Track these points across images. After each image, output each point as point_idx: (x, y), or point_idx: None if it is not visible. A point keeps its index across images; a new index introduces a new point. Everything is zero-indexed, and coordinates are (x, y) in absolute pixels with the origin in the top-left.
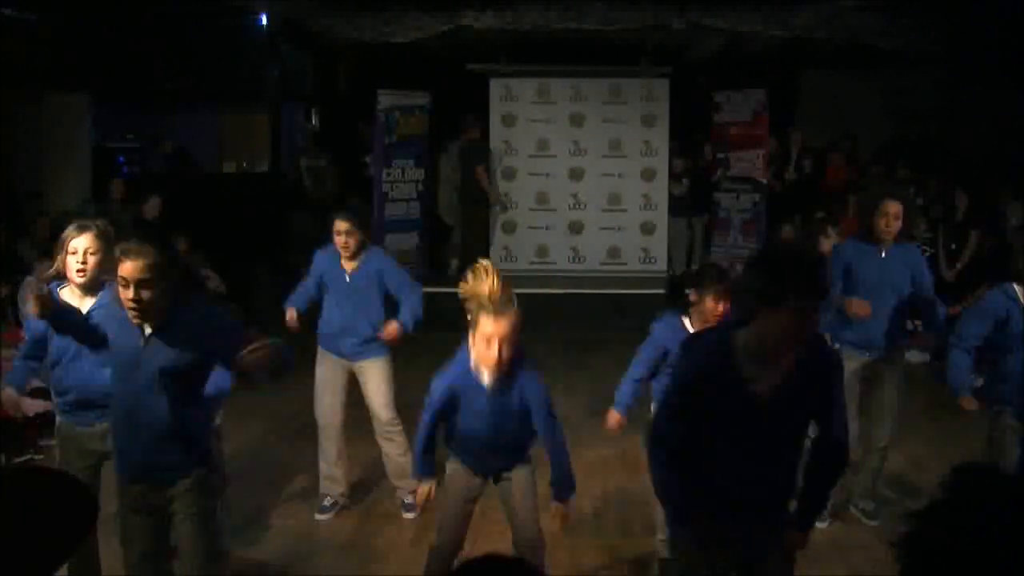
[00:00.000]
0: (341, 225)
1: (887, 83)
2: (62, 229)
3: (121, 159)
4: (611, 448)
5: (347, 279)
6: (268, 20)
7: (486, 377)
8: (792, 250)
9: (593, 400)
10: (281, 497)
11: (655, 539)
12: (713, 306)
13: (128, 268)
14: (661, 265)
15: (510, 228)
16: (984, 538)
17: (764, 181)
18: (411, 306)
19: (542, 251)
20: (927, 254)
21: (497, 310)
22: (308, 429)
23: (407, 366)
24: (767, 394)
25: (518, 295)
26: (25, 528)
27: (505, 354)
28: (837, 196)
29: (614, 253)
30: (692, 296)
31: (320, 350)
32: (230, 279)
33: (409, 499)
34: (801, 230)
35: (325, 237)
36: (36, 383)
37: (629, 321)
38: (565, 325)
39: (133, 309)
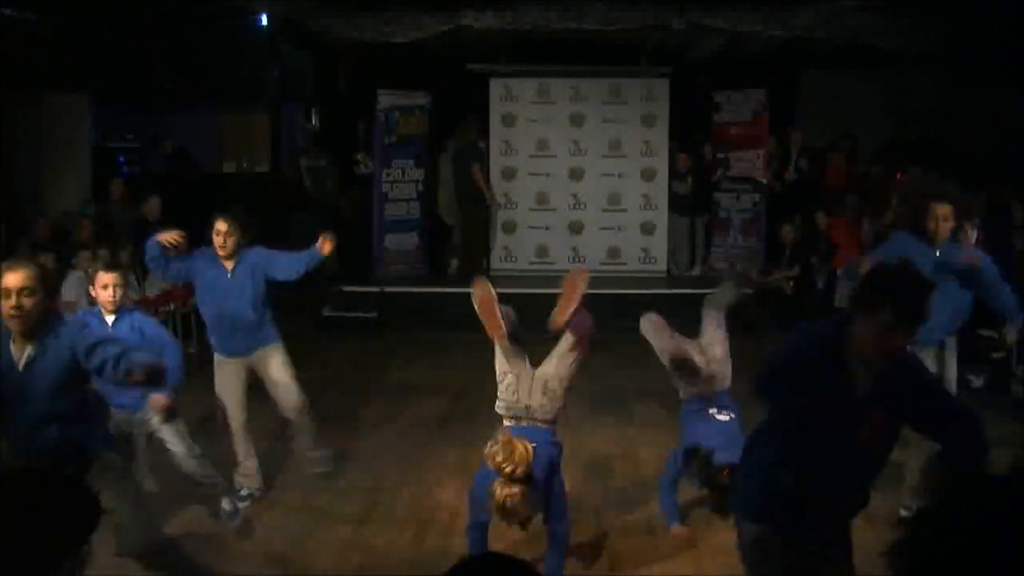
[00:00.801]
0: (220, 225)
1: (887, 83)
2: (62, 229)
3: (121, 159)
4: (611, 448)
5: (228, 275)
6: (268, 20)
7: None
8: (907, 271)
9: (593, 400)
10: (280, 497)
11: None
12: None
13: (10, 279)
14: (661, 265)
15: (510, 228)
16: (977, 545)
17: (764, 181)
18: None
19: (542, 251)
20: None
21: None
22: None
23: (406, 366)
24: (862, 394)
25: (518, 295)
26: (27, 529)
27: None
28: (837, 196)
29: (614, 253)
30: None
31: (216, 357)
32: None
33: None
34: (801, 230)
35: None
36: None
37: (629, 321)
38: None
39: (14, 317)
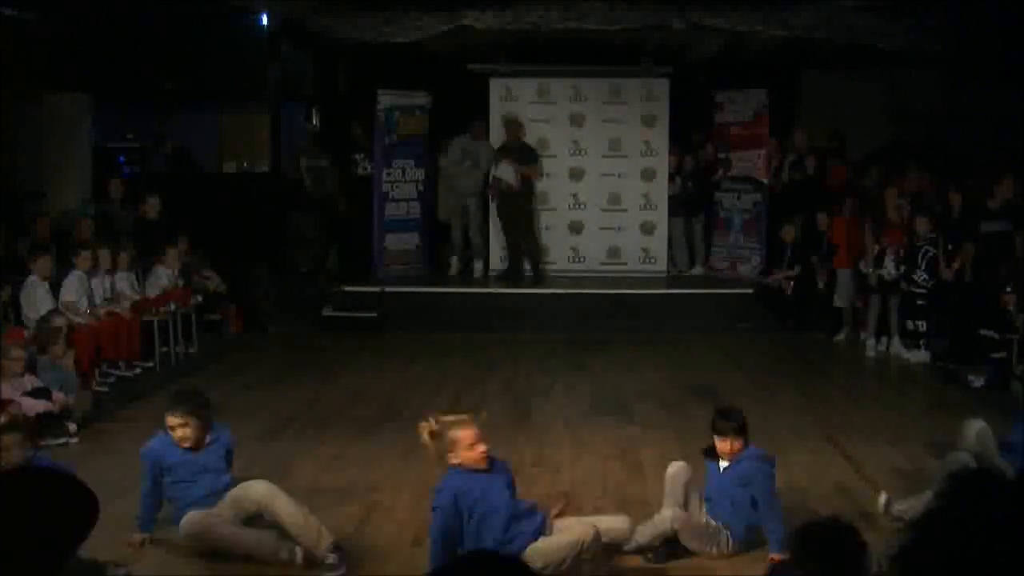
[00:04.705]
0: (173, 420)
1: (887, 83)
2: (62, 229)
3: (121, 159)
4: (611, 448)
5: (197, 457)
6: (268, 20)
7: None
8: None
9: (593, 400)
10: None
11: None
12: (727, 447)
13: None
14: (661, 265)
15: None
16: (981, 547)
17: (765, 181)
18: None
19: (542, 251)
20: (929, 255)
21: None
22: (309, 429)
23: (406, 366)
24: None
25: (519, 295)
26: (28, 527)
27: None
28: (837, 196)
29: (614, 253)
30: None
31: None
32: (230, 279)
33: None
34: (801, 230)
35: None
36: (37, 383)
37: (629, 321)
38: (565, 325)
39: None
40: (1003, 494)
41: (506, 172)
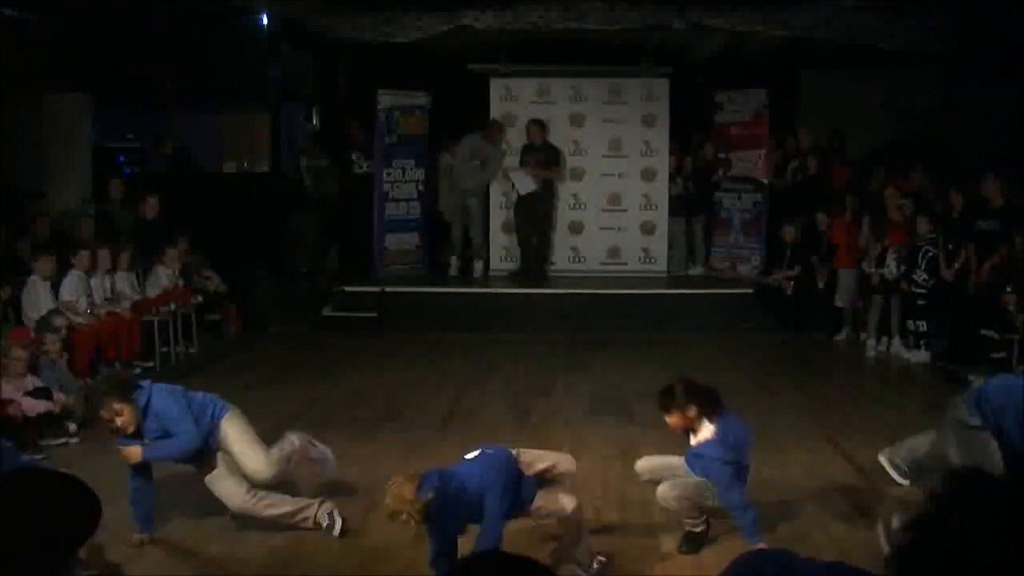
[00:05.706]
0: (113, 410)
1: (887, 83)
2: (62, 229)
3: (121, 159)
4: (611, 448)
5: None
6: (268, 20)
7: None
8: None
9: (593, 400)
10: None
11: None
12: (675, 422)
13: None
14: (661, 265)
15: (509, 229)
16: (979, 547)
17: (764, 181)
18: None
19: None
20: (929, 255)
21: None
22: (310, 429)
23: (406, 366)
24: None
25: (519, 295)
26: (30, 527)
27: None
28: (837, 196)
29: (614, 253)
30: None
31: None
32: (230, 279)
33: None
34: (801, 230)
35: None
36: (37, 383)
37: (629, 321)
38: (565, 325)
39: None
40: (1001, 493)
41: (521, 181)
